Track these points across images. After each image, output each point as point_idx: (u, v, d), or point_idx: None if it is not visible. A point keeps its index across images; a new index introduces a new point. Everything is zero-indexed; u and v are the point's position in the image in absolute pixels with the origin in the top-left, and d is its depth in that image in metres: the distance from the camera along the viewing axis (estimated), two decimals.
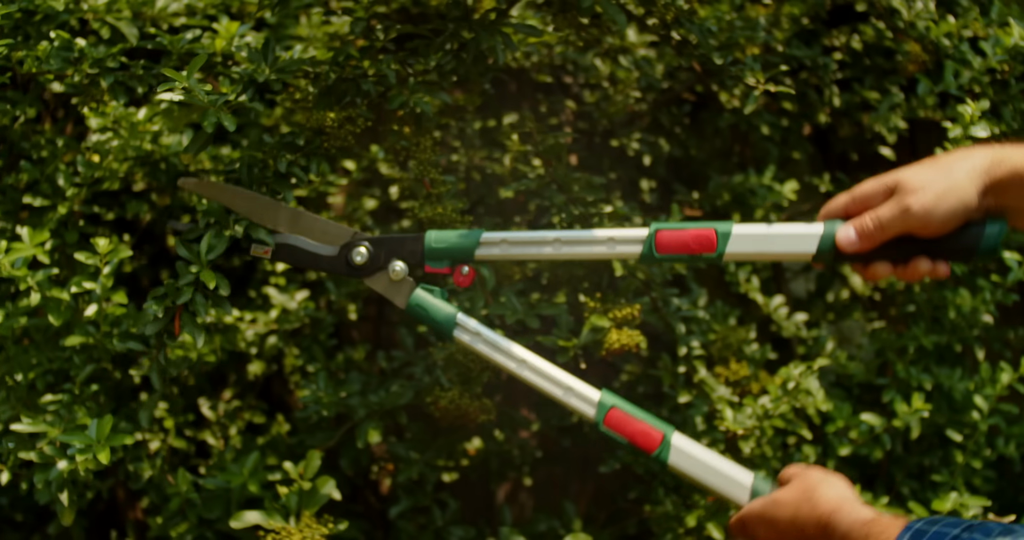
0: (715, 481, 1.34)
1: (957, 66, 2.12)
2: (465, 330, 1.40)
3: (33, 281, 1.63)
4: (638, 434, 1.35)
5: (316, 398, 1.75)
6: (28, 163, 1.86)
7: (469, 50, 1.70)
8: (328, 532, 1.57)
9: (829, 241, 1.28)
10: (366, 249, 1.42)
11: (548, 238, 1.39)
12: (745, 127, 2.22)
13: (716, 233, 1.32)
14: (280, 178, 1.56)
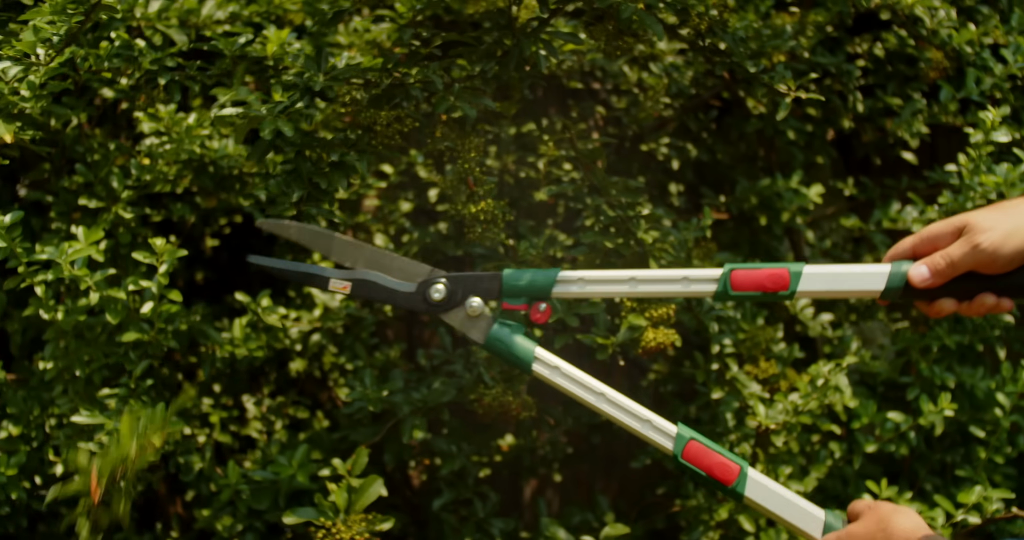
0: (790, 514, 1.38)
1: (979, 73, 2.19)
2: (544, 364, 1.44)
3: (92, 281, 1.70)
4: (716, 466, 1.38)
5: (363, 395, 1.82)
6: (83, 166, 1.93)
7: (511, 57, 1.78)
8: (376, 530, 1.64)
9: (897, 279, 1.35)
10: (444, 286, 1.46)
11: (624, 277, 1.44)
12: (771, 132, 2.29)
13: (789, 273, 1.38)
14: (336, 168, 1.64)
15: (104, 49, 1.69)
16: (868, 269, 1.38)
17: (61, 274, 1.65)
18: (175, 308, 1.76)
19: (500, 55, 1.78)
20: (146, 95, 1.78)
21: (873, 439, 2.06)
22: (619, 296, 1.46)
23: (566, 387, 1.43)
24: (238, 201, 2.04)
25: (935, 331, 2.16)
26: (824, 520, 1.36)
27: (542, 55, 1.77)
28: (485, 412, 1.80)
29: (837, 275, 1.38)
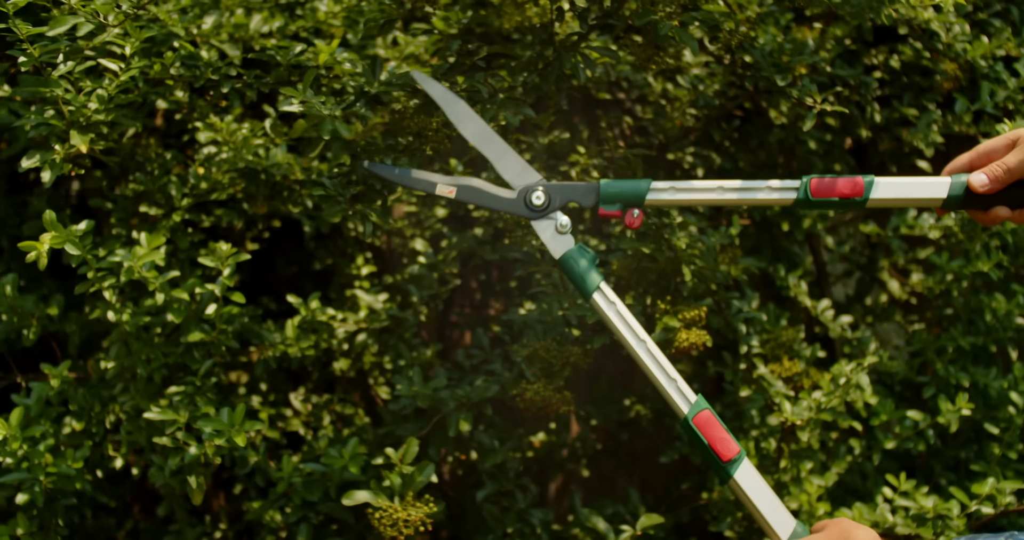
0: (766, 510, 1.44)
1: (993, 86, 2.31)
2: (604, 296, 1.53)
3: (157, 283, 1.81)
4: (718, 440, 1.45)
5: (411, 391, 1.93)
6: (142, 175, 2.05)
7: (552, 69, 1.89)
8: (428, 511, 1.75)
9: (957, 188, 1.46)
10: (543, 192, 1.56)
11: (712, 186, 1.53)
12: (792, 141, 2.40)
13: (863, 182, 1.49)
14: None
15: (169, 58, 1.80)
16: (932, 180, 1.49)
17: (132, 277, 1.76)
18: (236, 310, 1.87)
19: (541, 67, 1.90)
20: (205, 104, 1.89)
21: (892, 436, 2.17)
22: (707, 203, 1.56)
23: (616, 324, 1.52)
24: (287, 208, 2.15)
25: (950, 333, 2.28)
26: (793, 527, 1.43)
27: (581, 67, 1.89)
28: (526, 407, 1.92)
29: (905, 184, 1.49)
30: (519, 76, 1.91)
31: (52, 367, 1.93)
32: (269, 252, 2.58)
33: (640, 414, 2.47)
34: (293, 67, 1.91)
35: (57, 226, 1.67)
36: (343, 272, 2.36)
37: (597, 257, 1.56)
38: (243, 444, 1.68)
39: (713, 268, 2.00)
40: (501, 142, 1.61)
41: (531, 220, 1.58)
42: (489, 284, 2.60)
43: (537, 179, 1.58)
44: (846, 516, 2.10)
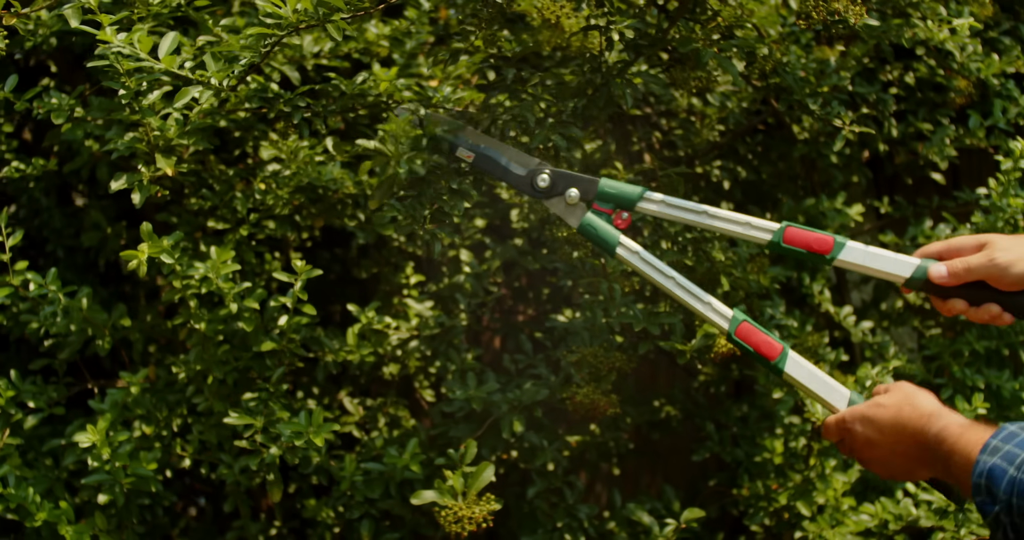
0: (821, 389, 1.57)
1: (1005, 103, 2.48)
2: (627, 249, 1.66)
3: (232, 294, 1.96)
4: (762, 344, 1.59)
5: (467, 395, 2.08)
6: (208, 191, 2.19)
7: (600, 95, 2.05)
8: (491, 509, 1.90)
9: (922, 272, 1.56)
10: (548, 176, 1.71)
11: (699, 209, 1.65)
12: (815, 155, 2.57)
13: (835, 242, 1.61)
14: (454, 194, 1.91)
15: (243, 91, 1.95)
16: (900, 258, 1.57)
17: (211, 288, 1.91)
18: (305, 320, 2.02)
19: (591, 93, 2.05)
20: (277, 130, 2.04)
21: None
22: (691, 224, 1.67)
23: (643, 270, 1.65)
24: (342, 221, 2.29)
25: (965, 337, 2.45)
26: (849, 397, 1.55)
27: (628, 93, 2.04)
28: (575, 409, 2.07)
29: (874, 255, 1.58)
30: (569, 102, 2.06)
31: (130, 374, 2.07)
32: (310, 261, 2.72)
33: (670, 415, 2.62)
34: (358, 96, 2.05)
35: (153, 238, 1.81)
36: (389, 280, 2.50)
37: (611, 218, 1.68)
38: (321, 445, 1.83)
39: (748, 277, 2.16)
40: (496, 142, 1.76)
41: (541, 199, 1.72)
42: (521, 291, 2.75)
43: (541, 163, 1.73)
44: (869, 511, 2.27)
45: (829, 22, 1.93)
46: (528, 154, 1.76)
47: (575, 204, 1.71)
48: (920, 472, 1.44)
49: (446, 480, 1.88)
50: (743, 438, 2.50)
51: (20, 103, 2.04)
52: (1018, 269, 1.48)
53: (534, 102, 2.02)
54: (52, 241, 2.56)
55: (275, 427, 1.91)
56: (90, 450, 1.93)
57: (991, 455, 1.21)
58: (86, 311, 2.06)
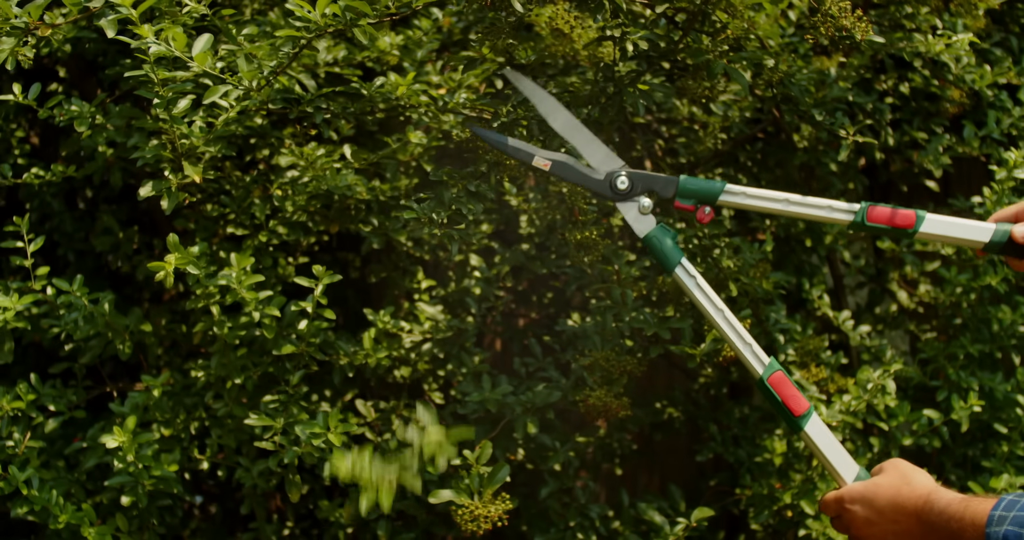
0: (835, 458, 1.63)
1: (998, 113, 2.57)
2: (686, 271, 1.70)
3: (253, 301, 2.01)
4: (791, 397, 1.63)
5: (482, 397, 2.14)
6: (227, 197, 2.24)
7: (613, 104, 2.12)
8: (506, 508, 1.97)
9: (1000, 235, 1.62)
10: (627, 178, 1.74)
11: (780, 197, 1.71)
12: (814, 163, 2.65)
13: (916, 215, 1.66)
14: (471, 196, 1.97)
15: (266, 93, 2.00)
16: (979, 224, 1.64)
17: (236, 298, 1.96)
18: (325, 325, 2.07)
19: (604, 102, 2.12)
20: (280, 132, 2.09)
21: (910, 434, 2.43)
22: (772, 212, 1.73)
23: (696, 296, 1.69)
24: (357, 227, 2.35)
25: (959, 340, 2.54)
26: (857, 472, 1.62)
27: (640, 103, 2.11)
28: (588, 411, 2.14)
29: (953, 224, 1.66)
30: (582, 109, 2.13)
31: (151, 378, 2.12)
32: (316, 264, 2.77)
33: (672, 416, 2.70)
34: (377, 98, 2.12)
35: (180, 248, 1.86)
36: (398, 285, 2.56)
37: (677, 235, 1.73)
38: (339, 444, 1.89)
39: (753, 283, 2.24)
40: (587, 132, 1.80)
41: (615, 202, 1.76)
42: (523, 295, 2.82)
43: (621, 165, 1.78)
44: None
45: (836, 37, 2.01)
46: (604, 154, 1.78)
47: (646, 214, 1.74)
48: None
49: (455, 480, 1.95)
50: (744, 439, 2.58)
51: (43, 111, 2.08)
52: None
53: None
54: (63, 245, 2.60)
55: (294, 429, 1.97)
56: (115, 452, 1.98)
57: (999, 525, 1.28)
58: (108, 316, 2.11)
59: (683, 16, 2.15)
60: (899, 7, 2.64)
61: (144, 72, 1.77)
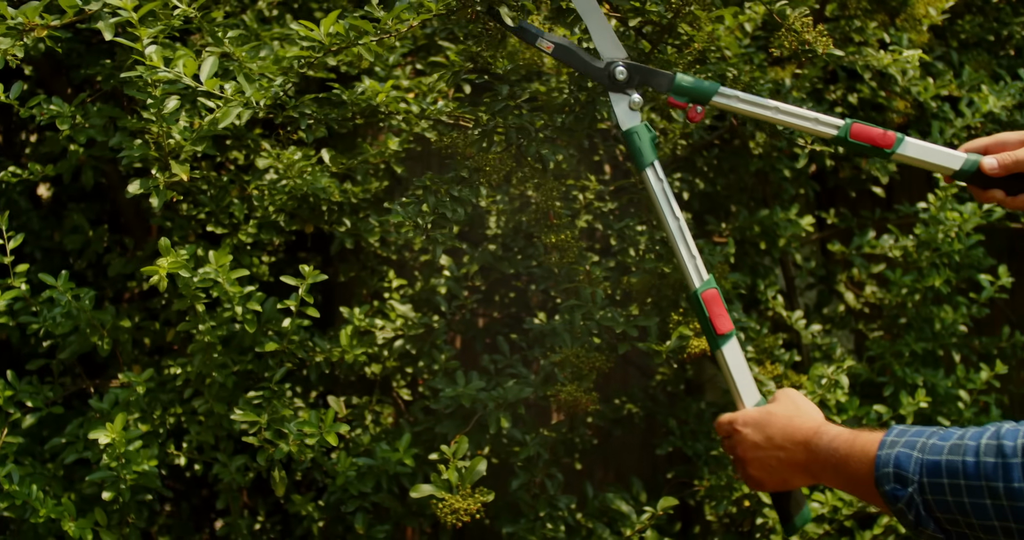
0: (741, 382, 1.71)
1: (942, 124, 2.74)
2: (655, 173, 1.76)
3: (237, 298, 2.08)
4: (718, 315, 1.71)
5: (457, 392, 2.24)
6: (205, 197, 2.30)
7: (586, 113, 2.23)
8: (484, 501, 2.06)
9: (969, 164, 1.71)
10: (625, 70, 1.79)
11: (770, 105, 1.77)
12: (768, 168, 2.79)
13: (896, 137, 1.75)
14: (454, 200, 2.07)
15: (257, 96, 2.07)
16: (952, 152, 1.73)
17: (220, 293, 2.02)
18: (307, 322, 2.15)
19: (578, 110, 2.23)
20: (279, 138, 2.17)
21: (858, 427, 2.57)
22: (761, 118, 1.79)
23: (659, 200, 1.76)
24: (331, 227, 2.42)
25: (904, 339, 2.70)
26: (758, 400, 1.70)
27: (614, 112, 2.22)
28: (559, 406, 2.25)
29: (928, 149, 1.75)
30: (557, 117, 2.24)
31: (135, 374, 2.17)
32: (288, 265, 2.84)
33: (631, 411, 2.82)
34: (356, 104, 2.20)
35: (171, 252, 1.92)
36: (366, 284, 2.64)
37: (657, 138, 1.79)
38: (335, 443, 1.97)
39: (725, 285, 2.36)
40: (602, 16, 1.83)
41: (609, 91, 1.81)
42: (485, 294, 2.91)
43: (624, 55, 1.83)
44: (821, 499, 2.49)
45: (799, 51, 2.14)
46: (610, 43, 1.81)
47: (635, 109, 1.80)
48: (798, 479, 1.57)
49: (435, 474, 2.03)
50: (700, 433, 2.70)
51: (24, 110, 2.12)
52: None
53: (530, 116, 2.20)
54: (30, 243, 2.63)
55: (281, 425, 2.04)
56: (102, 447, 2.03)
57: (890, 448, 1.34)
58: (89, 313, 2.16)
59: (651, 28, 2.27)
60: (849, 21, 2.79)
61: (139, 73, 1.82)
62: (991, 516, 1.22)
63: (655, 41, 2.21)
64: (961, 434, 1.30)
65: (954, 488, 1.25)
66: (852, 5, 2.81)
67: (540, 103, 2.27)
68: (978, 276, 2.71)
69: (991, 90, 2.73)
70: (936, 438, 1.31)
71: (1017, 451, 1.20)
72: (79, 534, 2.07)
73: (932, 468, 1.28)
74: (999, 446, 1.22)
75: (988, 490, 1.22)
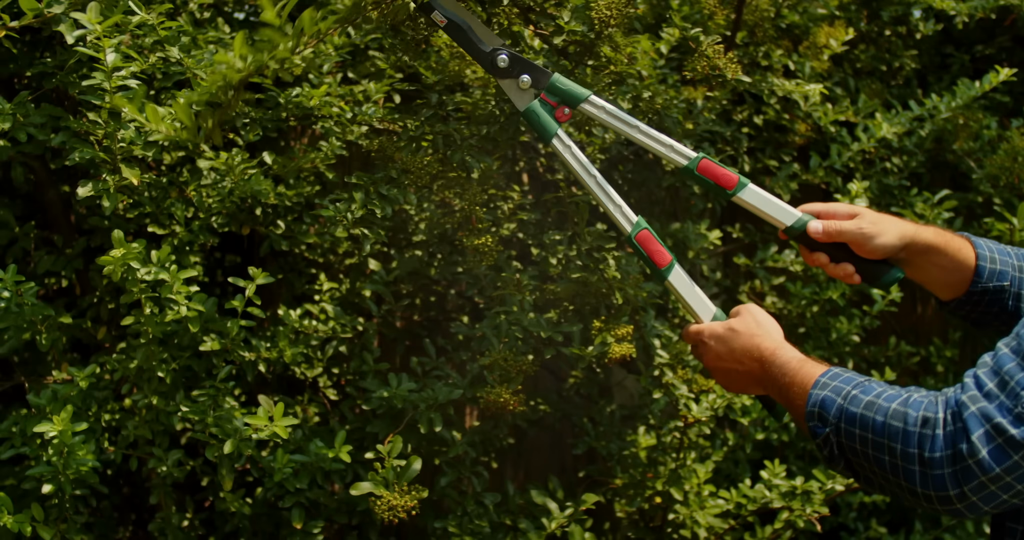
0: (694, 301, 1.86)
1: (840, 147, 2.99)
2: (561, 140, 1.89)
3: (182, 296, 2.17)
4: (655, 252, 1.85)
5: (390, 393, 2.36)
6: (145, 198, 2.37)
7: (511, 124, 2.39)
8: (420, 497, 2.19)
9: (801, 223, 1.82)
10: (507, 59, 1.90)
11: (632, 123, 1.88)
12: (680, 184, 3.00)
13: (739, 180, 1.85)
14: (383, 198, 2.20)
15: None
16: (786, 207, 1.84)
17: (170, 291, 2.11)
18: (251, 323, 2.24)
19: (503, 121, 2.39)
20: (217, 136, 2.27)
21: (761, 429, 2.80)
22: (620, 133, 1.89)
23: (572, 163, 1.88)
24: (267, 230, 2.52)
25: (803, 347, 2.93)
26: (714, 312, 1.84)
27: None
28: (487, 407, 2.39)
29: (766, 200, 1.85)
30: (482, 128, 2.39)
31: (77, 369, 2.23)
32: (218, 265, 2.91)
33: (547, 413, 2.98)
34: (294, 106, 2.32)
35: (125, 244, 2.00)
36: (293, 286, 2.74)
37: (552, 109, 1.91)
38: (285, 437, 2.08)
39: (636, 293, 2.55)
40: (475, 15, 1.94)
41: (496, 77, 1.92)
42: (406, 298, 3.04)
43: (503, 44, 1.92)
44: (727, 495, 2.70)
45: (710, 75, 2.35)
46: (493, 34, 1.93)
47: (526, 89, 1.92)
48: (754, 389, 1.73)
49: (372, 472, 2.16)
50: (612, 434, 2.89)
51: None
52: (878, 241, 1.81)
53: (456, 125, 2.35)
54: None
55: (227, 422, 2.13)
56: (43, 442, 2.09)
57: (822, 389, 1.50)
58: (30, 308, 2.21)
59: (574, 48, 2.44)
60: (756, 48, 3.02)
61: (99, 81, 1.90)
62: (887, 469, 1.40)
63: (576, 61, 2.38)
64: (879, 393, 1.45)
65: (863, 439, 1.43)
66: (759, 33, 3.03)
67: (465, 114, 2.42)
68: (870, 290, 2.96)
69: (884, 118, 2.99)
70: (859, 390, 1.47)
71: (917, 422, 1.37)
72: (17, 528, 2.13)
73: (849, 418, 1.45)
74: (905, 413, 1.39)
75: (888, 449, 1.40)
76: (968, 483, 1.33)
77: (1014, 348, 1.37)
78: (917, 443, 1.37)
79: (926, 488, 1.36)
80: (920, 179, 3.30)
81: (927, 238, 1.83)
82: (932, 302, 3.45)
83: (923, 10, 3.33)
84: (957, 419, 1.35)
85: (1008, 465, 1.31)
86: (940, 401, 1.39)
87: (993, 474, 1.31)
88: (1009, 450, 1.31)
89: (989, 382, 1.35)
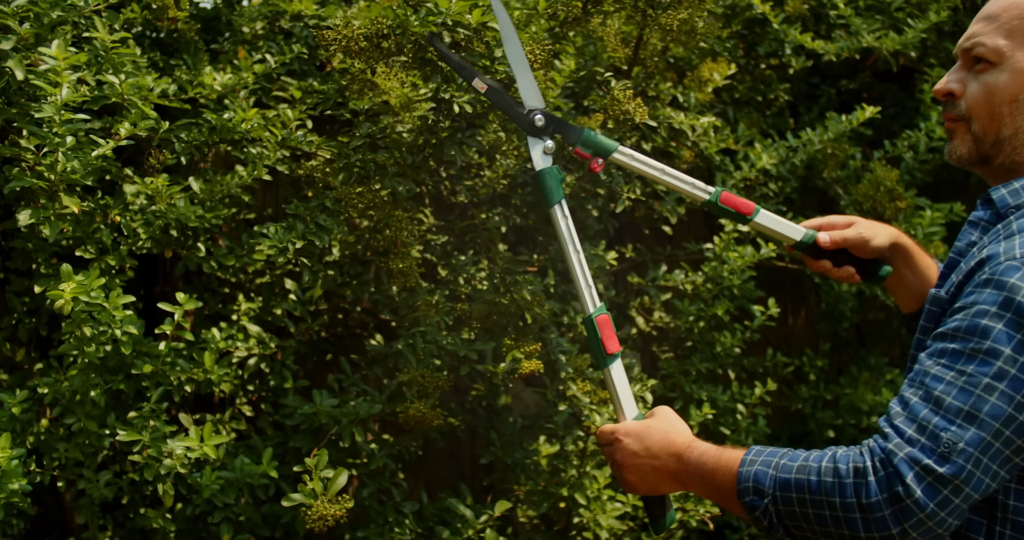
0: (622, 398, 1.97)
1: (723, 175, 3.25)
2: (561, 210, 2.04)
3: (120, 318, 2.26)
4: (609, 338, 1.98)
5: (314, 408, 2.50)
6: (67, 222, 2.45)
7: (436, 153, 2.56)
8: (347, 507, 2.34)
9: (808, 238, 2.09)
10: (544, 118, 2.09)
11: (659, 167, 2.10)
12: (576, 207, 3.21)
13: (755, 207, 2.10)
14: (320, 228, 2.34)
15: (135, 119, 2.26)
16: (794, 226, 2.11)
17: (109, 319, 2.20)
18: (182, 345, 2.35)
19: (429, 153, 2.56)
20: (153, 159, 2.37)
21: None
22: (648, 177, 2.11)
23: (563, 234, 2.03)
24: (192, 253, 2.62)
25: (691, 359, 3.18)
26: (636, 414, 1.95)
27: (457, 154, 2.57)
28: (406, 421, 2.55)
29: (777, 221, 2.12)
30: (408, 156, 2.56)
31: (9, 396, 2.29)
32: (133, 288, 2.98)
33: (453, 425, 3.15)
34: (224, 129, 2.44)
35: (73, 278, 2.09)
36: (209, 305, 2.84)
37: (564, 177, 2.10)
38: (214, 456, 2.19)
39: (544, 312, 2.75)
40: (527, 68, 2.12)
41: (529, 135, 2.10)
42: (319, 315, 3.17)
43: (543, 106, 2.12)
44: (623, 499, 2.92)
45: (621, 118, 2.57)
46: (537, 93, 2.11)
47: (548, 154, 2.10)
48: (666, 485, 1.82)
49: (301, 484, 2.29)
50: (515, 444, 3.07)
51: None
52: (875, 243, 2.09)
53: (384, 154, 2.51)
54: None
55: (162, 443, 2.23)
56: None
57: (751, 466, 1.62)
58: None
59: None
60: (648, 81, 3.26)
61: (49, 115, 1.99)
62: (828, 524, 1.52)
63: None
64: (806, 456, 1.57)
65: (800, 501, 1.54)
66: (650, 66, 3.28)
67: (388, 141, 2.58)
68: (751, 306, 3.24)
69: (763, 147, 3.28)
70: (787, 459, 1.59)
71: (848, 473, 1.53)
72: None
73: (783, 484, 1.56)
74: (835, 468, 1.54)
75: (827, 504, 1.51)
76: (908, 520, 1.46)
77: (922, 396, 1.51)
78: (853, 492, 1.51)
79: (869, 532, 1.48)
80: (793, 203, 3.61)
81: (907, 241, 2.13)
82: (802, 314, 3.77)
83: (794, 47, 3.63)
84: (887, 465, 1.47)
85: (940, 500, 1.45)
86: (864, 451, 1.51)
87: (929, 510, 1.46)
88: (939, 487, 1.45)
89: (908, 429, 1.48)
